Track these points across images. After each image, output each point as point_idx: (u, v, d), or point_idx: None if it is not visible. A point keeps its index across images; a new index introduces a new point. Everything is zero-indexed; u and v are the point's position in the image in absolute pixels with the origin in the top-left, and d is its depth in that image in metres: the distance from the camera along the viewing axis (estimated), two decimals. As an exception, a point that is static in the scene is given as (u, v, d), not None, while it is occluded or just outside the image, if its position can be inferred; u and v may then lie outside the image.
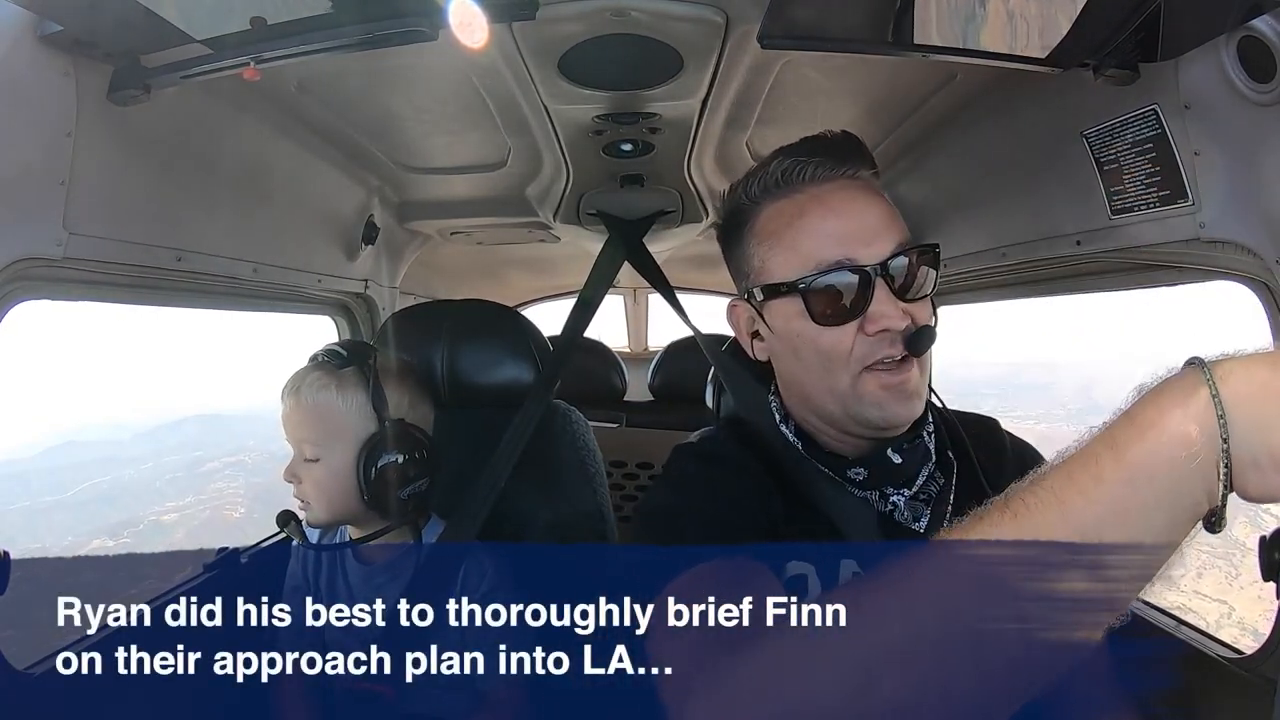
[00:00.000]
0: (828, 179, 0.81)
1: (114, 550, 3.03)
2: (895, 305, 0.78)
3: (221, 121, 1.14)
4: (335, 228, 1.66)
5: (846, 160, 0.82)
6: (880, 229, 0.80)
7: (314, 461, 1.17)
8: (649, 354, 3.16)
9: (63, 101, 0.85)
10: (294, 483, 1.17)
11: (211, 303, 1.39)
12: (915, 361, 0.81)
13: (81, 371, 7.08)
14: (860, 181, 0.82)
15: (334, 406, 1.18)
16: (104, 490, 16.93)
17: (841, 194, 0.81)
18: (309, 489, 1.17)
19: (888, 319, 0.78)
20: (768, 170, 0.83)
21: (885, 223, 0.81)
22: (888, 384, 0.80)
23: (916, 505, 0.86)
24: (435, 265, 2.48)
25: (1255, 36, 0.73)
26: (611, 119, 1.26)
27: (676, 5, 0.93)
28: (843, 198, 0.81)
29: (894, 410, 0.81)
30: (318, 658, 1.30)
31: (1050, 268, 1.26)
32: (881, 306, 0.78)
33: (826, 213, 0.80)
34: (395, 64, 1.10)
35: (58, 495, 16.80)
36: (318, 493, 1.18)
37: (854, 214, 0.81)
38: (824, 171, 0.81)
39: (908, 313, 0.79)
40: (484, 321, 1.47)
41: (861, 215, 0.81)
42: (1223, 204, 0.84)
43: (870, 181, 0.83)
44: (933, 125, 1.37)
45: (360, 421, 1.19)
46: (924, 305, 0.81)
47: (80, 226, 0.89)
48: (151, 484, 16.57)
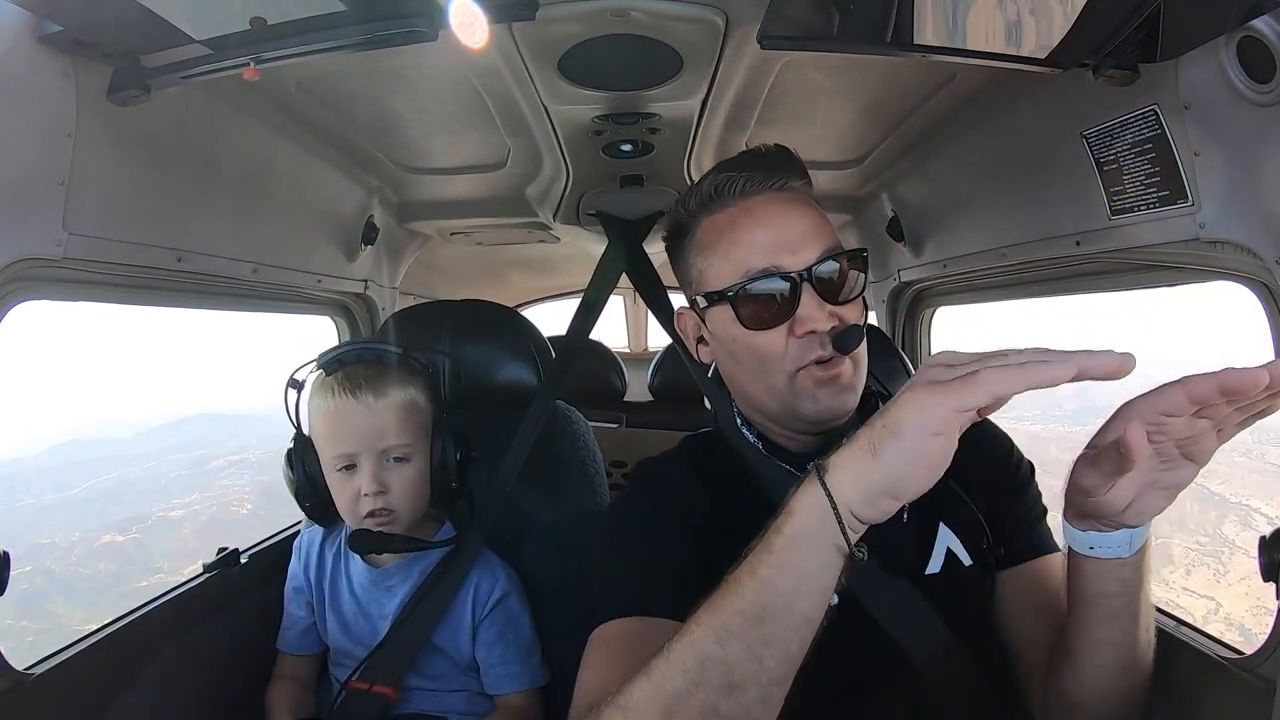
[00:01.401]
0: (757, 192, 0.87)
1: (124, 545, 3.00)
2: (821, 309, 0.83)
3: (221, 122, 1.14)
4: (335, 228, 1.66)
5: (775, 173, 0.87)
6: (806, 237, 0.84)
7: (404, 462, 1.11)
8: (649, 354, 3.16)
9: (63, 101, 0.85)
10: (378, 492, 1.08)
11: (211, 303, 1.39)
12: (848, 358, 0.84)
13: (83, 371, 7.07)
14: (789, 193, 0.87)
15: (418, 403, 1.15)
16: (109, 488, 16.83)
17: (769, 206, 0.86)
18: (398, 493, 1.10)
19: (814, 321, 0.82)
20: (703, 185, 0.88)
21: (811, 231, 0.85)
22: (820, 378, 0.84)
23: None
24: (435, 265, 2.48)
25: (1255, 37, 0.73)
26: (611, 119, 1.26)
27: (676, 6, 0.93)
28: (770, 210, 0.86)
29: (827, 403, 0.85)
30: (318, 658, 1.31)
31: (1050, 268, 1.26)
32: (808, 310, 0.83)
33: (755, 224, 0.86)
34: (395, 64, 1.10)
35: (63, 493, 16.67)
36: (409, 494, 1.12)
37: (780, 224, 0.85)
38: (753, 185, 0.86)
39: (835, 314, 0.84)
40: (484, 322, 1.47)
41: (787, 225, 0.85)
42: (1222, 204, 0.84)
43: (800, 192, 0.88)
44: (933, 125, 1.37)
45: (433, 419, 1.18)
46: (853, 307, 0.85)
47: (80, 227, 0.89)
48: (156, 481, 16.43)
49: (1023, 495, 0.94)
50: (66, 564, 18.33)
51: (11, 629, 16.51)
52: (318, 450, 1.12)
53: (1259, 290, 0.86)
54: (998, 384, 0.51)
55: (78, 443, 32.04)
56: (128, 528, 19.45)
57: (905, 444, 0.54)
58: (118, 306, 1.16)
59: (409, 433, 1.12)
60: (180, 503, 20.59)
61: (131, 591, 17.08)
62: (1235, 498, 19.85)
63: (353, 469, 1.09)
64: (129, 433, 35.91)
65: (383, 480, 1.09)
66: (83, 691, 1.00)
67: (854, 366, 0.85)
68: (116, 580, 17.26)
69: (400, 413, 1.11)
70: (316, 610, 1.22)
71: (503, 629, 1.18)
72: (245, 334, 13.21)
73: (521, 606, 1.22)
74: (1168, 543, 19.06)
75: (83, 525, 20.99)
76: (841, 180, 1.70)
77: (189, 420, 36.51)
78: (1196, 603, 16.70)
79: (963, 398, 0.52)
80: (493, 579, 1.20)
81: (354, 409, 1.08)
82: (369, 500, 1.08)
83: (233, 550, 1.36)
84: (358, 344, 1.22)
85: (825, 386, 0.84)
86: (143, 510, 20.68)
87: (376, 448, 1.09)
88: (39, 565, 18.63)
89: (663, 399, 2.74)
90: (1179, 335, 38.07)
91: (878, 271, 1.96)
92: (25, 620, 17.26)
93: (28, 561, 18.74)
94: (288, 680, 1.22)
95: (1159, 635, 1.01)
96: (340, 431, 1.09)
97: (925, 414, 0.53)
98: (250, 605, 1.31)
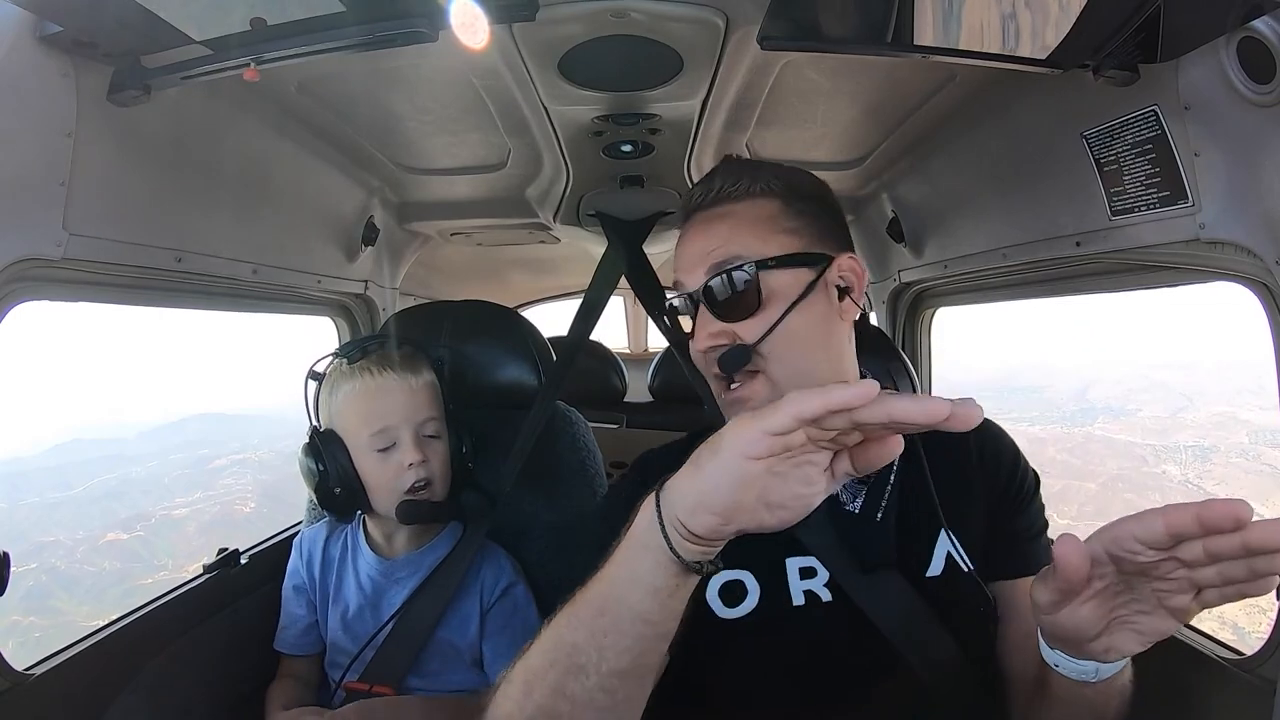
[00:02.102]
0: (696, 209, 0.88)
1: (128, 542, 3.01)
2: (709, 326, 0.83)
3: (221, 122, 1.14)
4: (335, 229, 1.66)
5: (709, 188, 0.87)
6: (702, 255, 0.84)
7: (437, 439, 1.17)
8: (649, 355, 3.16)
9: (63, 101, 0.85)
10: (419, 461, 1.12)
11: (211, 303, 1.38)
12: (759, 377, 0.83)
13: (82, 372, 7.09)
14: (719, 209, 0.87)
15: (437, 389, 1.21)
16: (112, 487, 16.88)
17: (696, 224, 0.88)
18: (436, 466, 1.15)
19: (698, 340, 0.84)
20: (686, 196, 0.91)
21: (710, 247, 0.84)
22: (729, 399, 0.85)
23: (854, 487, 0.88)
24: (435, 266, 2.48)
25: (1255, 37, 0.73)
26: (611, 120, 1.26)
27: (676, 6, 0.93)
28: (694, 228, 0.88)
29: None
30: (319, 657, 1.31)
31: (1050, 268, 1.26)
32: (697, 328, 0.84)
33: (682, 243, 0.89)
34: (395, 65, 1.10)
35: (65, 492, 16.78)
36: (443, 469, 1.17)
37: (688, 243, 0.87)
38: (693, 202, 0.88)
39: (728, 332, 0.83)
40: (484, 322, 1.47)
41: (691, 244, 0.87)
42: (1222, 205, 0.84)
43: (730, 202, 0.86)
44: (933, 126, 1.37)
45: (443, 407, 1.22)
46: (750, 323, 0.82)
47: (80, 227, 0.89)
48: (159, 480, 16.47)
49: (1025, 509, 0.93)
50: (71, 561, 18.48)
51: (18, 625, 16.57)
52: (346, 437, 1.13)
53: (1259, 290, 0.86)
54: (797, 405, 0.51)
55: (79, 442, 32.33)
56: (132, 526, 19.63)
57: (721, 462, 0.55)
58: (117, 307, 1.16)
59: (438, 411, 1.18)
60: (183, 501, 20.81)
61: (136, 588, 17.19)
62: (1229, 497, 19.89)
63: (390, 449, 1.12)
64: (130, 433, 36.25)
65: (424, 452, 1.13)
66: (83, 691, 1.00)
67: (767, 386, 0.82)
68: (121, 578, 17.38)
69: (432, 391, 1.18)
70: (319, 607, 1.22)
71: (509, 618, 1.19)
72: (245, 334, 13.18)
73: (527, 597, 1.23)
74: (1165, 542, 19.34)
75: (86, 523, 21.19)
76: (842, 180, 1.70)
77: (190, 420, 36.95)
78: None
79: (767, 420, 0.52)
80: (498, 569, 1.22)
81: (394, 384, 1.13)
82: (413, 472, 1.12)
83: (233, 551, 1.36)
84: (381, 336, 1.27)
85: (731, 407, 0.84)
86: (146, 509, 20.87)
87: (415, 420, 1.13)
88: (44, 563, 18.75)
89: (663, 399, 2.74)
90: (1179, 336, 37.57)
91: (878, 272, 1.96)
92: (32, 616, 17.40)
93: (32, 559, 18.89)
94: (289, 680, 1.22)
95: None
96: (379, 408, 1.12)
97: (739, 435, 0.54)
98: (250, 605, 1.31)
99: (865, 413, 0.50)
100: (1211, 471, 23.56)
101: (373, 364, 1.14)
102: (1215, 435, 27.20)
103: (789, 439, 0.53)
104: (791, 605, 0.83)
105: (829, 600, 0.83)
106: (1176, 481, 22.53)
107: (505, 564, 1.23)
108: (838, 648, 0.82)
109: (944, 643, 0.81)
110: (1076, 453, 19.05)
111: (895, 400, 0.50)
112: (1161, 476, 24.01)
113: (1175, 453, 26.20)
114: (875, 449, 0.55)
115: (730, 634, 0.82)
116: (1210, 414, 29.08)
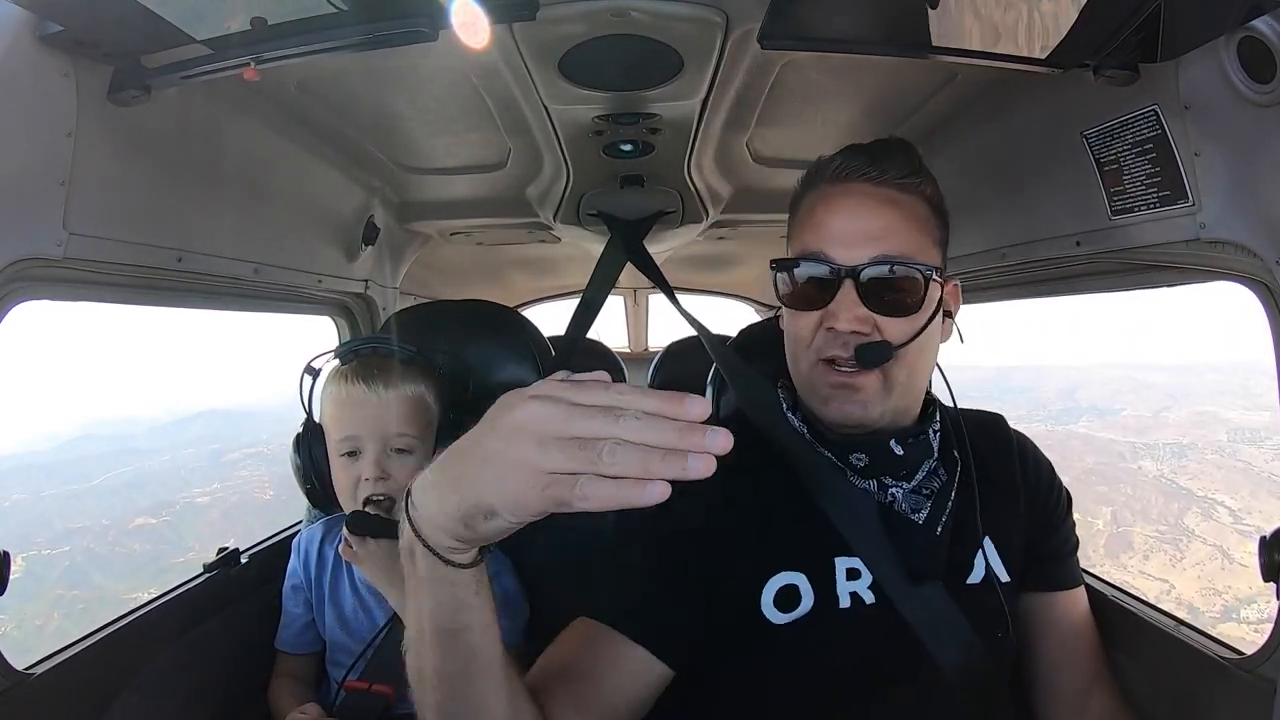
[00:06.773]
0: (848, 179, 0.85)
1: (156, 526, 3.03)
2: (854, 309, 0.81)
3: (222, 122, 1.14)
4: (336, 228, 1.66)
5: (877, 164, 0.84)
6: (868, 235, 0.82)
7: (407, 454, 1.12)
8: (649, 354, 3.16)
9: (63, 101, 0.85)
10: (380, 478, 1.09)
11: (212, 303, 1.38)
12: (877, 373, 0.82)
13: (89, 370, 7.10)
14: (884, 188, 0.84)
15: (425, 401, 1.17)
16: (129, 479, 17.27)
17: (850, 197, 0.85)
18: (401, 483, 1.10)
19: (841, 319, 0.81)
20: (815, 164, 0.89)
21: (877, 230, 0.83)
22: (836, 381, 0.83)
23: (917, 499, 0.87)
24: (435, 265, 2.48)
25: (1255, 37, 0.72)
26: (612, 119, 1.26)
27: (676, 5, 0.93)
28: (850, 200, 0.85)
29: (838, 408, 0.84)
30: (318, 656, 1.31)
31: (1050, 268, 1.26)
32: (840, 305, 0.82)
33: (828, 209, 0.85)
34: (396, 64, 1.10)
35: (84, 484, 17.16)
36: (409, 484, 1.14)
37: (848, 215, 0.84)
38: (848, 172, 0.85)
39: (870, 320, 0.82)
40: (484, 322, 1.47)
41: (854, 218, 0.84)
42: (1223, 204, 0.83)
43: (896, 190, 0.85)
44: (933, 125, 1.37)
45: (437, 416, 1.19)
46: (900, 321, 0.82)
47: (80, 226, 0.89)
48: (175, 473, 16.87)
49: (1060, 526, 0.95)
50: (103, 544, 19.03)
51: (62, 598, 16.85)
52: (326, 436, 1.14)
53: (1259, 290, 0.86)
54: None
55: (90, 438, 32.51)
56: (159, 512, 19.96)
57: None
58: (119, 306, 1.16)
59: (414, 426, 1.13)
60: (202, 490, 21.16)
61: (170, 566, 17.62)
62: (1201, 491, 19.90)
63: (356, 455, 1.11)
64: (139, 429, 36.37)
65: (385, 469, 1.10)
66: (83, 691, 1.00)
67: (881, 384, 0.83)
68: (153, 558, 17.83)
69: (407, 405, 1.13)
70: (315, 607, 1.22)
71: (499, 607, 1.19)
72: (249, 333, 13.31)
73: (517, 589, 1.23)
74: (1128, 530, 19.14)
75: (110, 512, 21.54)
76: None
77: (197, 417, 37.02)
78: (1151, 584, 16.85)
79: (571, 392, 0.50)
80: (494, 571, 1.21)
81: (363, 396, 1.11)
82: (368, 485, 1.09)
83: (233, 550, 1.36)
84: (375, 339, 1.24)
85: (838, 391, 0.83)
86: (169, 497, 21.18)
87: (382, 434, 1.11)
88: (77, 545, 19.21)
89: (663, 399, 2.74)
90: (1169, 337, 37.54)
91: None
92: (75, 590, 17.83)
93: (64, 543, 19.51)
94: (289, 679, 1.22)
95: (1160, 635, 1.01)
96: (348, 417, 1.11)
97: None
98: (250, 605, 1.31)
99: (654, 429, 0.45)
100: (1186, 467, 23.65)
101: (350, 371, 1.13)
102: (1195, 433, 27.39)
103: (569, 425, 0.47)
104: (839, 607, 0.83)
105: (872, 603, 0.83)
106: (1151, 476, 22.63)
107: (501, 566, 1.23)
108: (877, 651, 0.82)
109: (977, 647, 0.81)
110: (1056, 449, 19.38)
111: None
112: (1137, 471, 24.13)
113: (1153, 449, 26.35)
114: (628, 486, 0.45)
115: (783, 639, 0.82)
116: (1192, 413, 29.23)
